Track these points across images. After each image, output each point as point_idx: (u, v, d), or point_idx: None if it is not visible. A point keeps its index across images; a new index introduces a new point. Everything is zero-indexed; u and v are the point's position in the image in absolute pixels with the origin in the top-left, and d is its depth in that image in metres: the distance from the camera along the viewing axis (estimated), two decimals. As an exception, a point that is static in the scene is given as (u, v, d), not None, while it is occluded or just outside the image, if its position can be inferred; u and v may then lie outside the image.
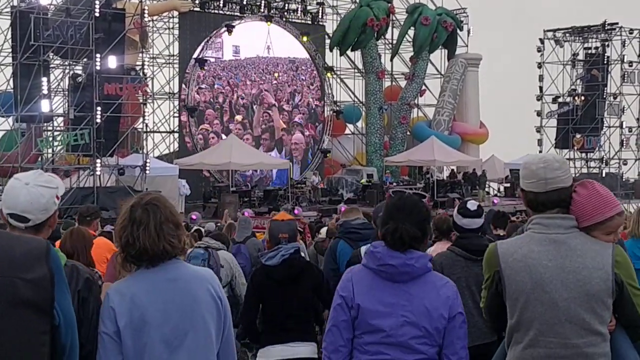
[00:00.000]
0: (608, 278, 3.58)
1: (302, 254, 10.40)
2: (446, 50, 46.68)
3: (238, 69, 40.72)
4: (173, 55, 40.50)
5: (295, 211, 27.46)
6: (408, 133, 45.05)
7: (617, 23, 47.54)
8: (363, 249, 7.13)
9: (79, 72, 29.80)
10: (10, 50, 29.25)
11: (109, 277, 6.41)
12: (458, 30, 46.03)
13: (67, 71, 30.50)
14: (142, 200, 3.63)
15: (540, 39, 48.63)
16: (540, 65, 48.55)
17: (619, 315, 3.69)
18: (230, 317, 3.74)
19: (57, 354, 2.40)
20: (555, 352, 3.62)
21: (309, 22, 42.94)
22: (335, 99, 44.46)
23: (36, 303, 2.26)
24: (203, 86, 39.02)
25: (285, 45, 42.09)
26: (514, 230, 8.01)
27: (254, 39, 40.47)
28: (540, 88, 48.64)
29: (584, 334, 3.59)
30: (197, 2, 38.19)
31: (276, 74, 42.15)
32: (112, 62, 28.40)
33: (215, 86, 39.65)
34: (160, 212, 3.58)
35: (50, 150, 29.35)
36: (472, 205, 6.32)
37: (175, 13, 39.06)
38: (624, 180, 47.75)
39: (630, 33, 47.82)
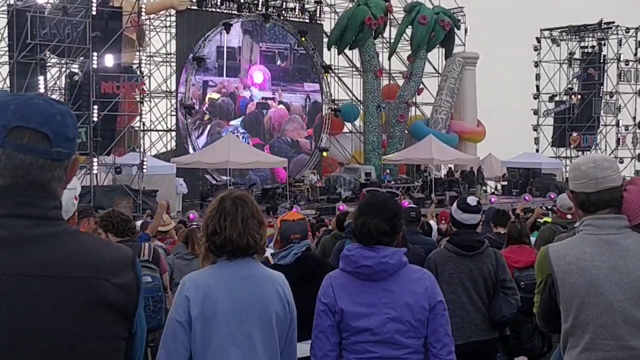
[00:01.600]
0: None
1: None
2: (443, 49, 46.75)
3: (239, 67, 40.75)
4: (170, 54, 40.50)
5: (293, 210, 27.43)
6: (406, 131, 45.10)
7: (613, 22, 47.63)
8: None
9: (76, 70, 29.79)
10: (6, 48, 29.20)
11: None
12: (455, 29, 46.09)
13: (63, 70, 30.47)
14: (232, 194, 3.80)
15: (537, 38, 48.73)
16: (537, 64, 48.66)
17: None
18: (295, 321, 3.81)
19: None
20: (612, 355, 3.54)
21: (307, 21, 42.91)
22: (333, 98, 44.44)
23: (122, 308, 2.28)
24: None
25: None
26: (514, 229, 7.99)
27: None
28: (537, 87, 48.74)
29: None
30: (194, 0, 38.15)
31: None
32: (109, 60, 28.36)
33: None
34: (247, 207, 3.73)
35: (47, 149, 29.23)
36: (472, 200, 6.39)
37: (173, 11, 39.04)
38: (620, 178, 47.79)
39: (627, 32, 47.90)
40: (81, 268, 2.19)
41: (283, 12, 41.70)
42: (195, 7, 38.30)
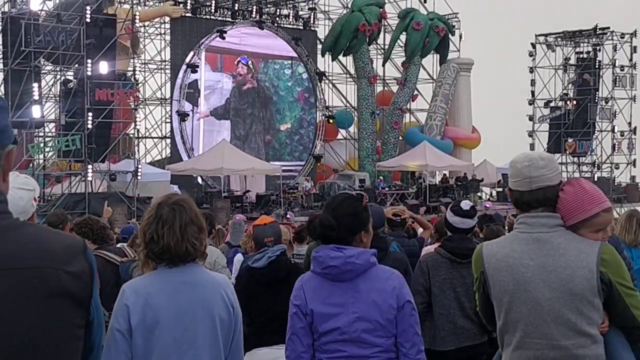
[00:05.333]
0: (592, 277, 3.45)
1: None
2: (438, 55, 46.77)
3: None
4: (165, 61, 40.51)
5: (288, 216, 27.46)
6: (400, 138, 45.11)
7: (608, 27, 47.63)
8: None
9: (70, 77, 29.82)
10: (0, 55, 29.25)
11: None
12: (450, 35, 46.11)
13: (58, 77, 30.53)
14: (170, 199, 3.68)
15: (532, 44, 48.66)
16: (532, 70, 48.56)
17: (612, 316, 3.57)
18: (240, 324, 3.77)
19: (86, 351, 2.42)
20: (543, 354, 3.53)
21: (301, 27, 42.99)
22: (327, 104, 44.48)
23: (77, 296, 2.28)
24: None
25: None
26: (492, 234, 8.01)
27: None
28: (532, 92, 48.66)
29: (572, 335, 3.49)
30: (188, 7, 38.21)
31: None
32: (104, 67, 28.41)
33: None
34: (186, 213, 3.62)
35: (41, 156, 29.33)
36: (465, 204, 6.33)
37: (167, 19, 39.09)
38: (615, 184, 47.83)
39: (622, 37, 47.90)
40: (34, 259, 2.19)
41: (277, 18, 41.78)
42: (190, 15, 38.38)
